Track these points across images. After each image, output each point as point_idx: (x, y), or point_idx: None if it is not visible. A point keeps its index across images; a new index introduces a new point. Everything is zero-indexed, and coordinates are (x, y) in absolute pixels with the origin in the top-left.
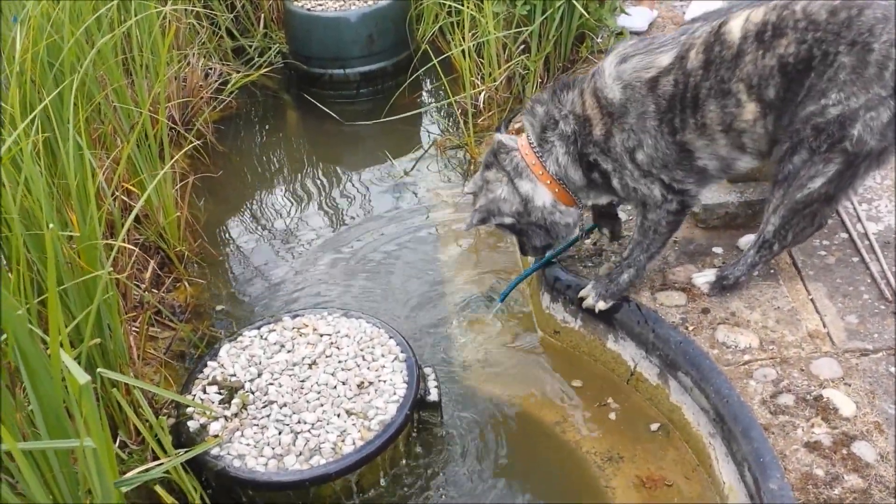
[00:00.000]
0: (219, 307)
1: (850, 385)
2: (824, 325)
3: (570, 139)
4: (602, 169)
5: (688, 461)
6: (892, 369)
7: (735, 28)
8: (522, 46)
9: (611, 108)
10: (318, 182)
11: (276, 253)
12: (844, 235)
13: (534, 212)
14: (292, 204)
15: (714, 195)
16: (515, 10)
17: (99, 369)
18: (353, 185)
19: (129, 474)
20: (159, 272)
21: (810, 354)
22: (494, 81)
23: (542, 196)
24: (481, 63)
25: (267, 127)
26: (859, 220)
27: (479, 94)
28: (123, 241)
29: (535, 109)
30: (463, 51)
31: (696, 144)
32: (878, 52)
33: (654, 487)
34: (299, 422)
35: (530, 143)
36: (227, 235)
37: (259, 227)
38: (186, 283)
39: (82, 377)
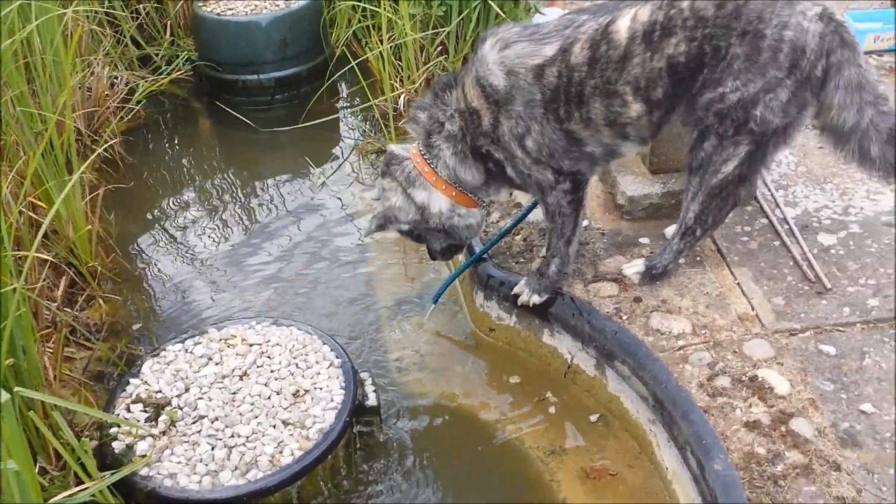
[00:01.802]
0: (135, 326)
1: (782, 364)
2: (752, 308)
3: (457, 138)
4: (495, 159)
5: (629, 449)
6: (821, 347)
7: (622, 28)
8: (440, 48)
9: (496, 96)
10: (235, 191)
11: (194, 266)
12: (764, 221)
13: (431, 218)
14: (208, 215)
15: (638, 187)
16: (432, 11)
17: (16, 388)
18: (273, 194)
19: (53, 500)
20: (71, 290)
21: (742, 337)
22: (413, 84)
23: (439, 202)
24: (399, 66)
25: (178, 137)
26: (777, 205)
27: (399, 96)
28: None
29: (417, 116)
30: (380, 53)
31: (583, 134)
32: (770, 38)
33: (598, 478)
34: (233, 435)
35: (420, 151)
36: (141, 249)
37: (175, 240)
38: (101, 301)
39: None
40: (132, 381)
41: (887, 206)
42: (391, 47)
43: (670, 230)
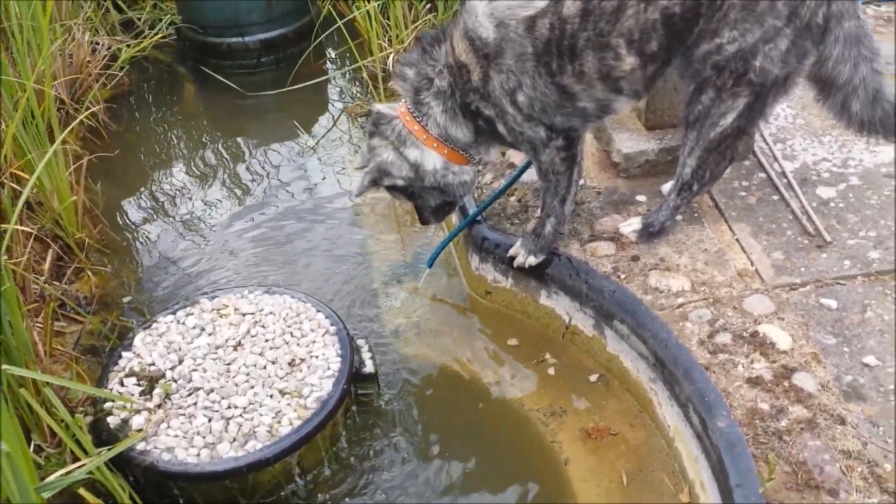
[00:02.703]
0: (126, 298)
1: (783, 319)
2: (752, 264)
3: (446, 94)
4: (486, 115)
5: (630, 409)
6: (822, 301)
7: None
8: (429, 5)
9: (486, 49)
10: (222, 158)
11: (182, 235)
12: (762, 175)
13: (426, 176)
14: (196, 182)
15: (633, 144)
16: None
17: (4, 366)
18: (261, 159)
19: (49, 478)
20: (59, 263)
21: (741, 293)
22: (402, 43)
23: (432, 160)
24: (388, 25)
25: (163, 103)
26: (776, 159)
27: (388, 56)
28: (16, 226)
29: (405, 73)
30: (367, 12)
31: (576, 88)
32: None
33: (600, 437)
34: (229, 407)
35: (409, 109)
36: (128, 220)
37: (163, 210)
38: (90, 273)
39: None
40: (124, 354)
41: (887, 158)
42: (378, 5)
43: (667, 187)
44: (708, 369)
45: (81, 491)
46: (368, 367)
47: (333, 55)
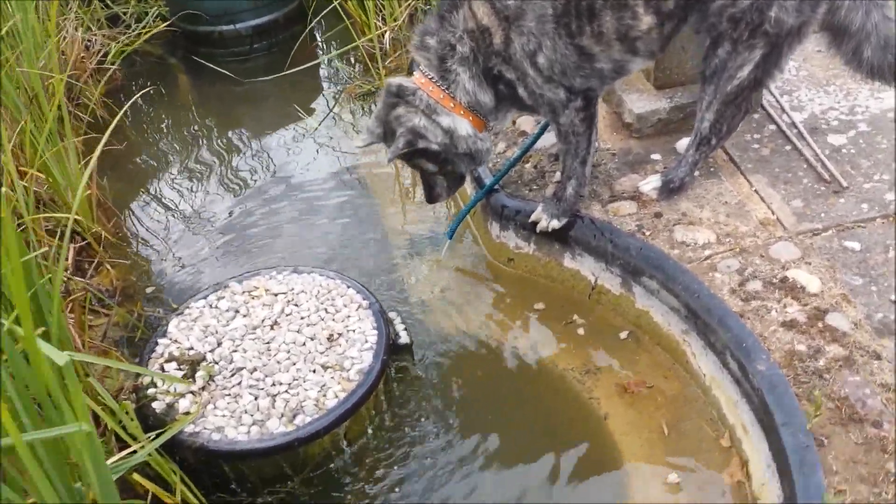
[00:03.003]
0: (149, 289)
1: (810, 263)
2: (773, 213)
3: (470, 60)
4: (507, 79)
5: (662, 362)
6: (846, 243)
7: None
8: None
9: (506, 12)
10: (223, 145)
11: (195, 223)
12: (773, 127)
13: (460, 142)
14: (201, 171)
15: (645, 104)
16: None
17: (66, 352)
18: (262, 144)
19: (111, 461)
20: (78, 257)
21: (766, 241)
22: (396, 21)
23: (464, 126)
24: (381, 4)
25: (158, 95)
26: (784, 111)
27: (383, 35)
28: (36, 223)
29: (426, 42)
30: None
31: (594, 49)
32: None
33: (636, 391)
34: (274, 384)
35: (430, 79)
36: (139, 212)
37: (172, 200)
38: (108, 266)
39: (61, 358)
40: (160, 341)
41: (892, 103)
42: None
43: (682, 144)
44: (742, 316)
45: (135, 476)
46: (404, 339)
47: (322, 39)
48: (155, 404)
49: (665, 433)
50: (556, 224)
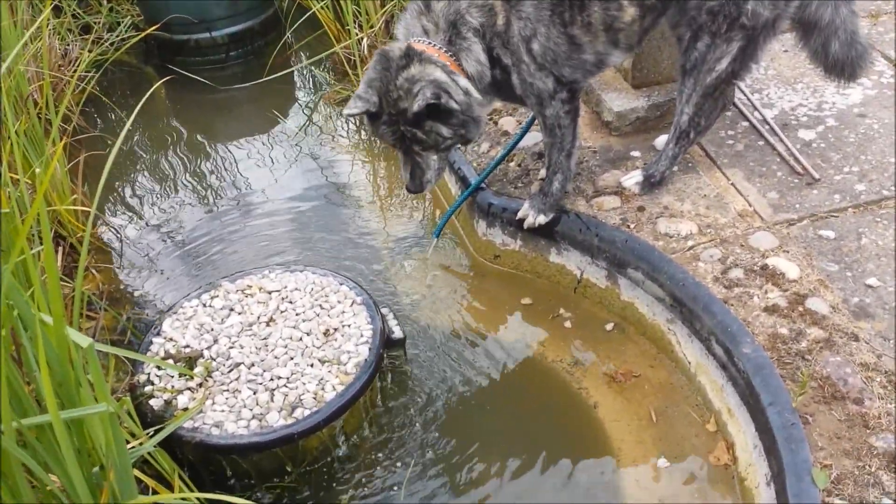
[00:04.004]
0: (137, 292)
1: (788, 251)
2: (750, 205)
3: (481, 33)
4: (503, 64)
5: (648, 352)
6: (821, 232)
7: None
8: None
9: None
10: (201, 152)
11: (182, 226)
12: (745, 124)
13: (474, 105)
14: (181, 177)
15: (623, 102)
16: None
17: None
18: (241, 150)
19: None
20: (64, 262)
21: (746, 231)
22: (372, 28)
23: (475, 91)
24: (358, 11)
25: (134, 103)
26: (755, 108)
27: (361, 41)
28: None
29: (431, 4)
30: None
31: (583, 39)
32: None
33: (624, 380)
34: (272, 378)
35: (431, 45)
36: (123, 218)
37: (153, 205)
38: (94, 271)
39: (84, 340)
40: (154, 340)
41: (857, 99)
42: None
43: (660, 141)
44: (726, 302)
45: (135, 473)
46: (397, 333)
47: (297, 47)
48: (152, 402)
49: (653, 420)
50: (542, 219)
